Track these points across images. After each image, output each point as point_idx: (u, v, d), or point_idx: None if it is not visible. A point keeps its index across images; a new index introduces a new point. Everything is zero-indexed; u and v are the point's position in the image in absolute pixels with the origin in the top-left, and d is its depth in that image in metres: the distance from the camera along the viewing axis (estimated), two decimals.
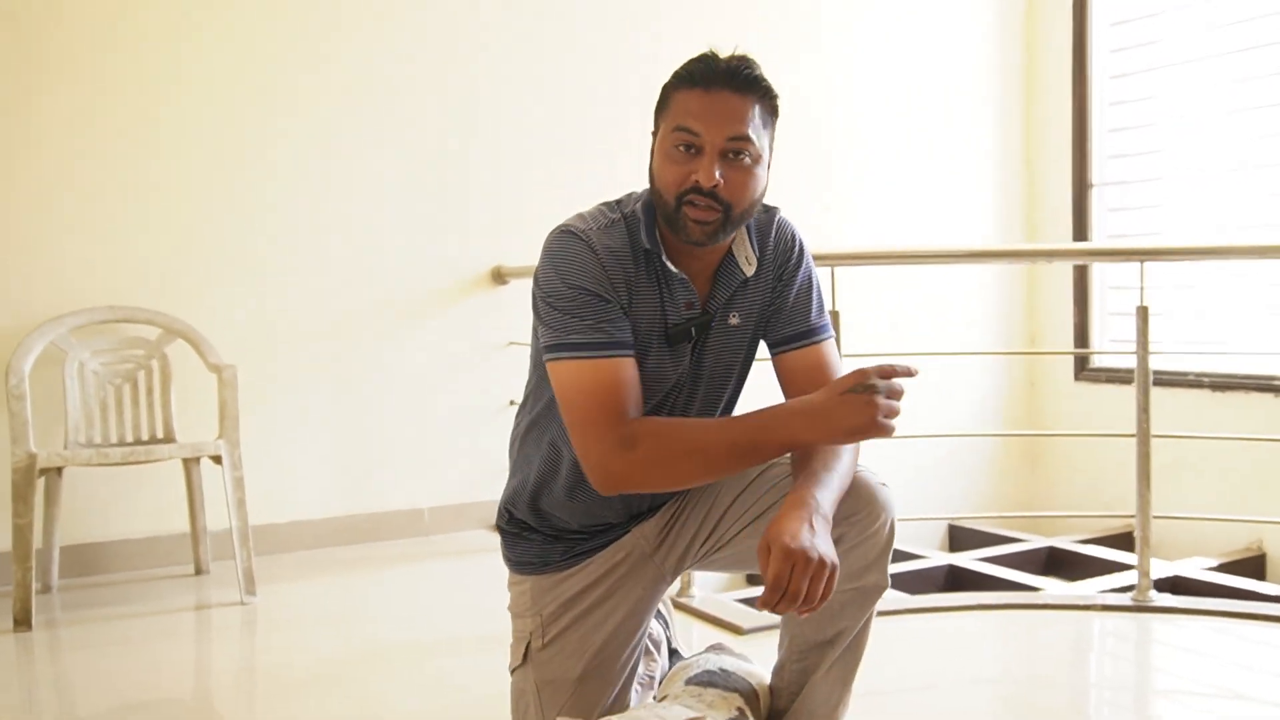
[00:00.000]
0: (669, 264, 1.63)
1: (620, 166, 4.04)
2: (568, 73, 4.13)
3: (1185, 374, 4.58)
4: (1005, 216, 5.20)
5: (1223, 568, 4.17)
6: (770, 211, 1.74)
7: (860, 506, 1.56)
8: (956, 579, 4.22)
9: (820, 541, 1.39)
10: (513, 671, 1.80)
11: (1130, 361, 4.07)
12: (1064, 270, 5.07)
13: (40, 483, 3.06)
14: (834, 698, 1.66)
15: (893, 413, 1.46)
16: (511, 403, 3.96)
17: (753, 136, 1.55)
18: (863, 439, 1.49)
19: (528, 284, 1.79)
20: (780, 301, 1.71)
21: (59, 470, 3.20)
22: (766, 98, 1.58)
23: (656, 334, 1.64)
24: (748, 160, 1.56)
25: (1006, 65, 5.18)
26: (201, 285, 3.58)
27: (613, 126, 4.14)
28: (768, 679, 1.76)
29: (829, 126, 4.72)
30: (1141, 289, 2.99)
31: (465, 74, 3.96)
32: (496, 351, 4.02)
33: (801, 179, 4.60)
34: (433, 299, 3.94)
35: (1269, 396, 4.31)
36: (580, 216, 1.65)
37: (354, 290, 3.82)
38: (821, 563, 1.37)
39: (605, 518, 1.75)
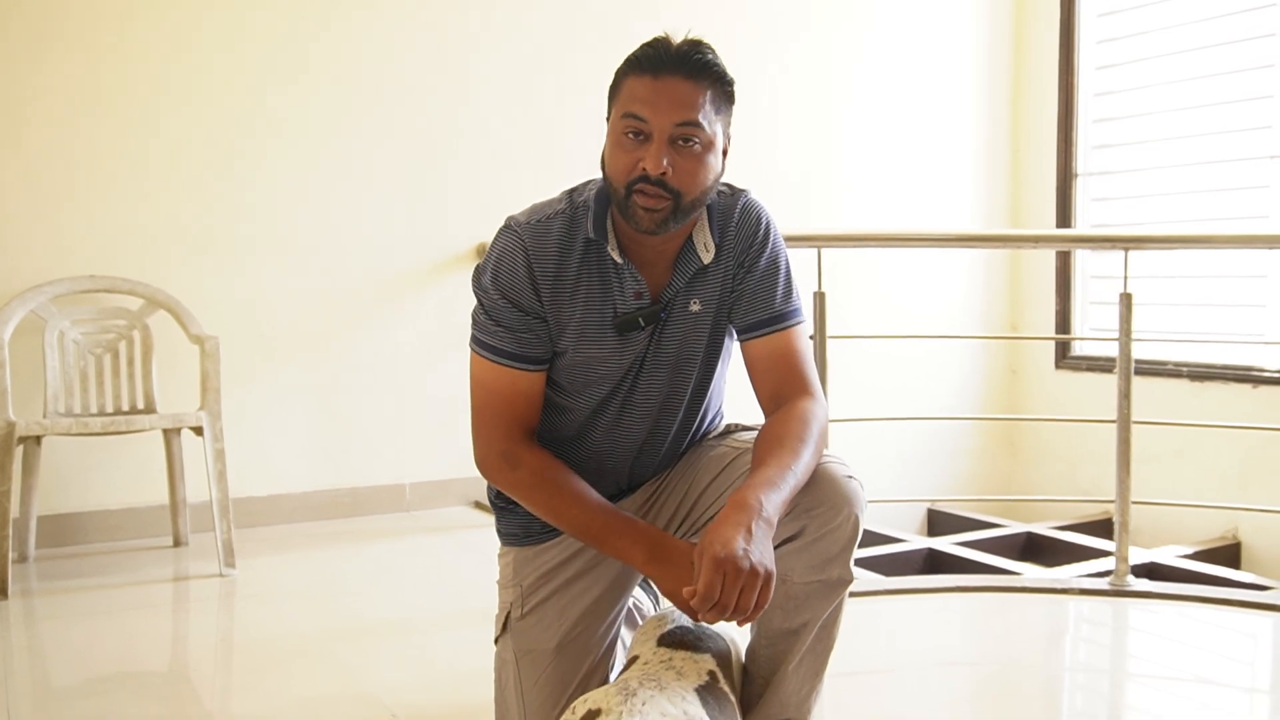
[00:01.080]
0: (613, 254, 1.61)
1: (603, 141, 4.02)
2: (553, 46, 4.11)
3: (1164, 363, 4.61)
4: (990, 205, 5.22)
5: (1198, 555, 4.22)
6: (736, 194, 1.68)
7: (822, 499, 1.51)
8: (935, 563, 4.25)
9: (756, 549, 1.32)
10: (495, 641, 1.81)
11: (1110, 350, 4.09)
12: (1047, 259, 5.09)
13: (18, 451, 3.04)
14: (804, 688, 1.65)
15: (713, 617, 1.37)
16: None
17: (703, 123, 1.50)
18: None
19: None
20: (743, 287, 1.65)
21: (38, 439, 3.18)
22: (720, 83, 1.53)
23: (605, 322, 1.63)
24: (697, 147, 1.51)
25: (995, 55, 5.19)
26: (185, 257, 3.56)
27: (597, 99, 4.10)
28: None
29: (820, 110, 4.72)
30: (1125, 277, 3.01)
31: (450, 49, 3.94)
32: None
33: (790, 161, 4.60)
34: (418, 274, 3.92)
35: (1246, 387, 4.34)
36: (532, 208, 1.67)
37: (339, 264, 3.80)
38: (754, 572, 1.31)
39: None
